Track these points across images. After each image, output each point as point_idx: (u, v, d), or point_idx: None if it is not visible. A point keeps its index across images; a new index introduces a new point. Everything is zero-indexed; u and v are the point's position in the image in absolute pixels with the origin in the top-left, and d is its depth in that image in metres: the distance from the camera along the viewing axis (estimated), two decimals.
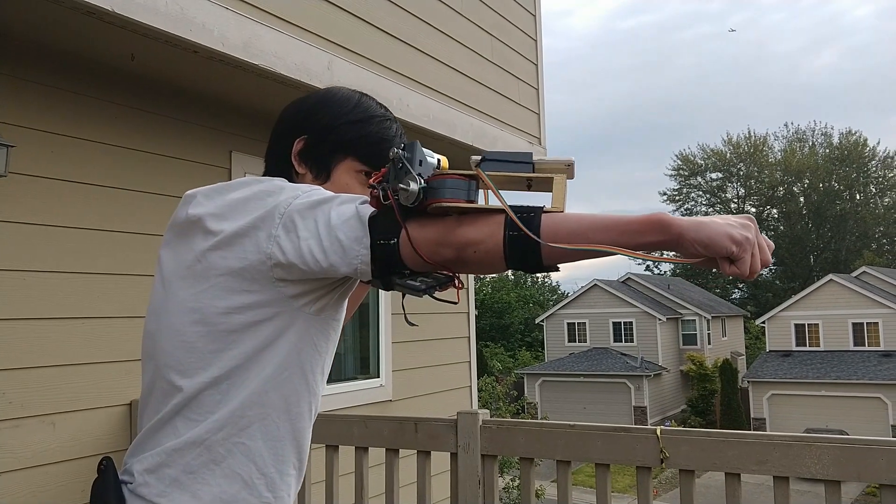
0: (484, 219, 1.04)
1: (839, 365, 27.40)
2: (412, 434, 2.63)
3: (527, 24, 5.73)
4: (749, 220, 1.01)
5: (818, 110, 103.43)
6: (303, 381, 1.20)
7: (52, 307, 2.99)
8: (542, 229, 1.00)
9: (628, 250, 1.00)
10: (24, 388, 2.87)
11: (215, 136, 3.73)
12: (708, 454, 2.13)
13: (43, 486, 2.89)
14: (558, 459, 2.36)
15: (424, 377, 5.22)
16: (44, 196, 3.00)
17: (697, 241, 0.96)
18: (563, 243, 0.99)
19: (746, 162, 57.17)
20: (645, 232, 0.97)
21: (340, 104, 1.34)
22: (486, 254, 1.03)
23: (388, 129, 1.34)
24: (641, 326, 32.58)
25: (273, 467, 1.18)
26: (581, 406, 30.08)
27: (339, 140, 1.30)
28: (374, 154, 1.31)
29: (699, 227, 0.96)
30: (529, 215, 1.01)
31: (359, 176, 1.30)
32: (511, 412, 19.30)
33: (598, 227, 0.99)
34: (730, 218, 1.00)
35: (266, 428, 1.17)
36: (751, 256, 0.98)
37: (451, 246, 1.04)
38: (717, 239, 0.96)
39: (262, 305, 1.13)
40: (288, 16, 3.44)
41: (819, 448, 1.96)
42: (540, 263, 1.02)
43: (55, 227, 3.02)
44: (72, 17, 2.68)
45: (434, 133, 4.51)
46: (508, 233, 1.01)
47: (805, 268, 53.92)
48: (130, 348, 3.18)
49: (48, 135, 3.02)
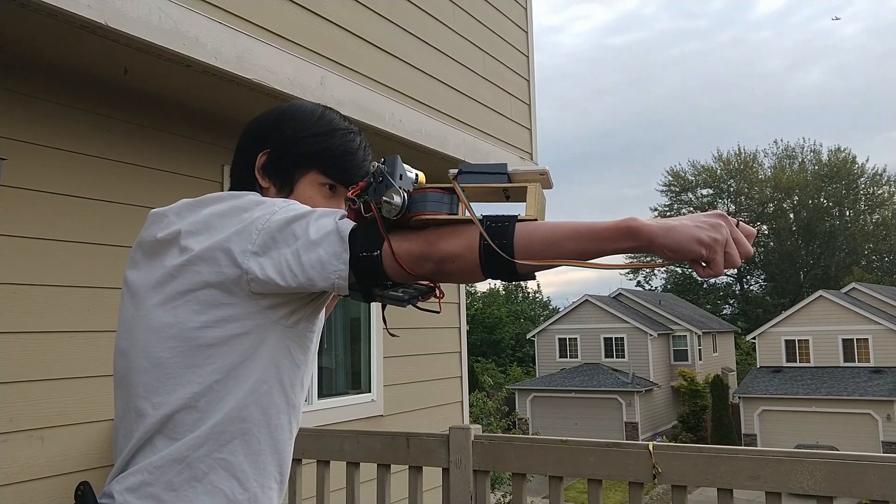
0: (462, 230, 1.06)
1: (829, 381, 27.46)
2: (404, 449, 2.61)
3: (519, 41, 5.78)
4: (720, 217, 1.00)
5: (806, 128, 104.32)
6: (282, 395, 1.20)
7: (42, 321, 2.97)
8: (515, 239, 1.02)
9: (598, 263, 1.02)
10: (12, 402, 2.84)
11: (208, 149, 3.73)
12: (700, 469, 2.13)
13: (31, 501, 2.86)
14: (550, 475, 2.35)
15: (416, 392, 5.20)
16: (36, 209, 2.98)
17: (666, 247, 0.97)
18: (536, 252, 1.01)
19: (737, 178, 57.54)
20: (617, 238, 0.99)
21: (303, 117, 1.34)
22: (464, 264, 1.06)
23: (352, 141, 1.34)
24: (633, 342, 32.58)
25: (255, 481, 1.18)
26: (573, 422, 29.99)
27: (301, 153, 1.30)
28: (336, 167, 1.31)
29: (668, 233, 0.97)
30: (503, 225, 1.03)
31: (322, 189, 1.31)
32: (502, 427, 19.21)
33: (571, 236, 1.01)
34: (700, 217, 0.99)
35: (247, 442, 1.16)
36: (724, 255, 0.98)
37: (433, 258, 1.07)
38: (684, 244, 0.97)
39: (239, 319, 1.13)
40: (281, 30, 3.46)
41: (811, 464, 1.96)
42: (515, 273, 1.04)
43: (46, 241, 3.01)
44: (65, 30, 2.68)
45: (426, 148, 4.52)
46: (483, 243, 1.03)
47: (795, 284, 54.16)
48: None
49: (41, 148, 3.02)
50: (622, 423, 29.75)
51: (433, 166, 5.05)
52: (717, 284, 58.36)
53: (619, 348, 32.97)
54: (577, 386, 30.84)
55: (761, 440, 27.53)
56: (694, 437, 29.29)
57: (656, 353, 32.64)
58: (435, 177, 1.15)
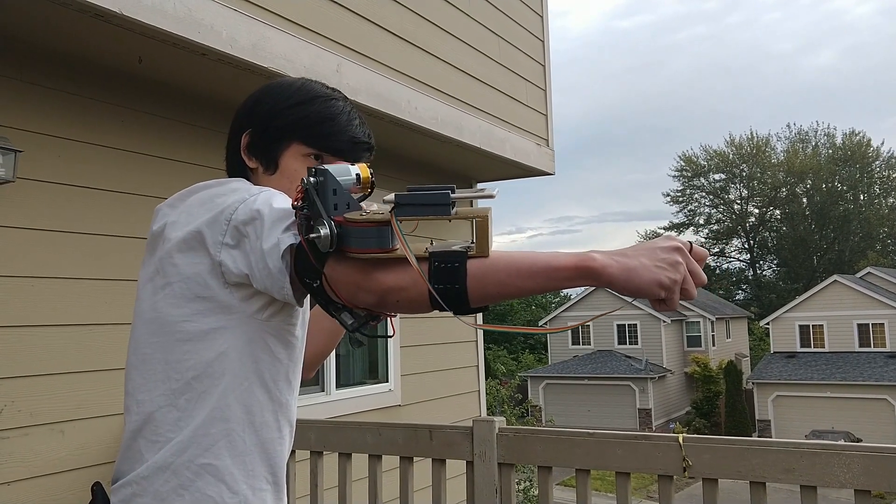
0: (403, 266, 0.96)
1: (844, 366, 27.29)
2: (427, 442, 2.58)
3: (534, 25, 5.70)
4: (678, 251, 0.97)
5: (819, 111, 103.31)
6: (263, 391, 1.16)
7: (60, 314, 2.95)
8: (469, 283, 0.95)
9: (549, 328, 1.01)
10: (33, 396, 2.83)
11: (223, 139, 3.68)
12: (731, 462, 2.09)
13: (53, 494, 2.85)
14: (577, 468, 2.31)
15: (433, 382, 5.17)
16: (52, 201, 2.96)
17: (627, 290, 0.96)
18: (491, 294, 0.96)
19: (749, 163, 57.04)
20: (574, 279, 0.96)
21: (281, 90, 1.30)
22: (410, 302, 0.98)
23: (332, 107, 1.29)
24: (646, 329, 32.49)
25: (244, 483, 1.14)
26: (586, 409, 29.99)
27: (280, 126, 1.27)
28: (317, 135, 1.26)
29: (628, 277, 0.95)
30: (453, 266, 0.95)
31: (307, 160, 1.27)
32: (516, 415, 19.22)
33: (526, 275, 0.96)
34: (658, 252, 0.96)
35: (232, 443, 1.13)
36: (680, 290, 0.97)
37: (371, 291, 0.99)
38: (646, 289, 0.95)
39: (215, 312, 1.11)
40: (297, 18, 3.41)
41: (848, 457, 1.91)
42: (469, 309, 0.98)
43: (63, 233, 2.98)
44: (79, 20, 2.64)
45: (441, 135, 4.47)
46: (434, 285, 0.95)
47: (808, 269, 53.78)
48: None
49: (56, 139, 2.99)
50: (635, 409, 29.72)
51: (449, 153, 5.00)
52: (730, 270, 58.12)
53: (632, 335, 32.88)
54: (589, 373, 30.80)
55: (775, 426, 27.43)
56: (707, 424, 29.23)
57: (669, 340, 32.55)
58: (449, 164, 1.08)
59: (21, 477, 2.76)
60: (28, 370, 2.82)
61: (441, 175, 5.35)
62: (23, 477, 2.76)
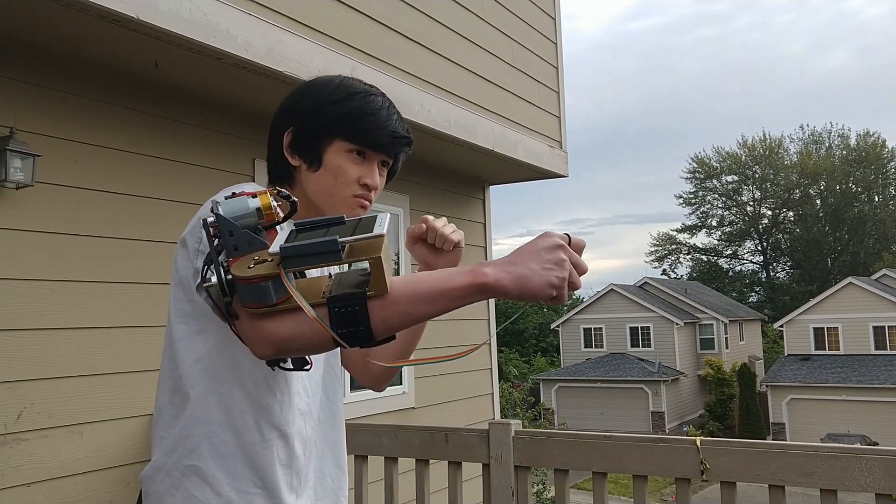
0: (300, 315, 0.95)
1: (860, 369, 27.06)
2: (443, 445, 2.58)
3: (546, 28, 5.69)
4: (560, 248, 1.02)
5: (831, 112, 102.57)
6: (243, 393, 1.16)
7: (79, 317, 2.97)
8: (372, 324, 0.95)
9: (450, 356, 1.05)
10: (51, 398, 2.86)
11: (238, 143, 3.72)
12: (750, 465, 2.07)
13: (71, 495, 2.87)
14: (595, 471, 2.30)
15: (446, 385, 5.17)
16: (69, 205, 2.98)
17: (521, 297, 1.01)
18: (395, 326, 0.98)
19: (762, 164, 56.71)
20: (470, 296, 1.00)
21: (321, 88, 1.31)
22: (313, 346, 0.99)
23: (371, 102, 1.30)
24: (659, 331, 32.33)
25: (228, 486, 1.15)
26: (598, 412, 29.88)
27: (322, 123, 1.27)
28: (358, 130, 1.27)
29: (521, 285, 0.99)
30: (353, 310, 0.94)
31: (350, 156, 1.28)
32: (528, 419, 19.16)
33: (426, 300, 0.99)
34: (542, 252, 1.01)
35: (214, 446, 1.15)
36: (567, 284, 1.02)
37: (268, 343, 0.98)
38: (539, 292, 1.00)
39: (198, 315, 1.15)
40: (311, 22, 3.42)
41: (869, 460, 1.90)
42: (376, 343, 0.98)
43: (80, 236, 3.01)
44: (97, 25, 2.66)
45: (454, 138, 4.47)
46: (337, 331, 0.95)
47: (822, 271, 53.39)
48: (155, 358, 3.15)
49: (73, 144, 3.01)
50: (648, 412, 29.58)
51: (461, 156, 5.00)
52: (743, 272, 57.78)
53: (644, 337, 32.74)
54: (602, 376, 30.69)
55: (790, 429, 27.22)
56: (721, 427, 29.05)
57: (682, 342, 32.38)
58: (462, 166, 1.08)
59: (40, 478, 2.78)
60: (46, 373, 2.84)
61: (455, 178, 5.35)
62: (41, 478, 2.78)
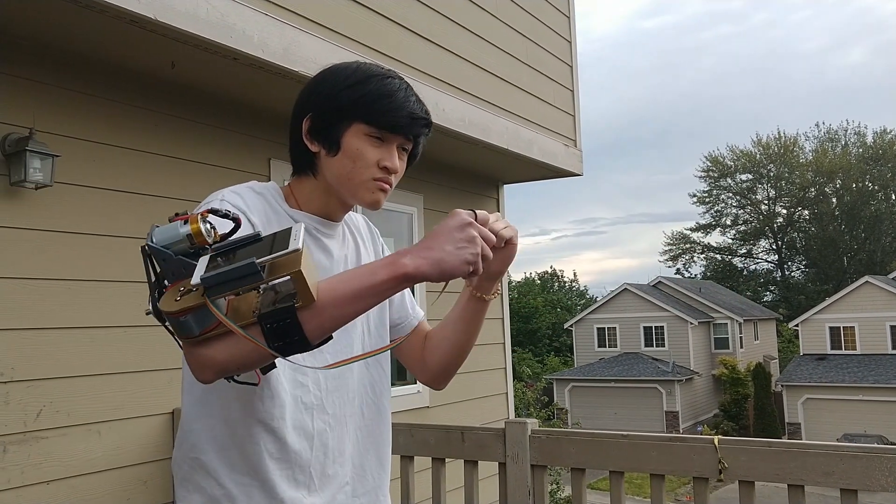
0: (234, 336, 0.97)
1: (877, 368, 26.81)
2: (459, 443, 2.59)
3: (561, 26, 5.68)
4: (468, 225, 1.07)
5: (849, 110, 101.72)
6: (231, 389, 1.16)
7: (98, 316, 2.99)
8: (306, 332, 0.99)
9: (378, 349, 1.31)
10: (71, 397, 2.88)
11: (254, 143, 3.73)
12: (769, 465, 2.06)
13: (90, 493, 2.89)
14: (612, 469, 2.30)
15: (461, 384, 5.13)
16: (87, 205, 3.01)
17: (442, 279, 1.06)
18: (328, 329, 1.02)
19: (777, 163, 56.26)
20: (394, 287, 1.05)
21: (337, 73, 1.31)
22: (254, 363, 1.03)
23: (389, 84, 1.28)
24: (673, 331, 32.17)
25: (227, 478, 1.20)
26: (612, 411, 29.77)
27: (340, 107, 1.27)
28: (376, 112, 1.26)
29: (440, 268, 1.05)
30: (284, 323, 0.97)
31: (369, 139, 1.26)
32: (542, 418, 19.14)
33: (353, 300, 1.04)
34: (454, 234, 1.06)
35: (214, 439, 1.21)
36: (480, 258, 1.08)
37: (207, 369, 1.01)
38: (457, 270, 1.06)
39: None
40: (327, 22, 3.43)
41: (889, 460, 1.88)
42: (313, 346, 1.02)
43: (99, 236, 3.03)
44: (115, 26, 2.68)
45: (469, 137, 4.47)
46: (273, 345, 0.98)
47: (838, 270, 52.94)
48: (173, 357, 3.16)
49: (90, 143, 3.04)
50: (662, 412, 29.44)
51: (476, 155, 5.00)
52: (758, 271, 57.41)
53: (658, 337, 32.58)
54: (616, 375, 30.58)
55: (805, 429, 27.02)
56: (736, 427, 28.89)
57: (697, 342, 32.20)
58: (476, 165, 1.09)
59: (58, 476, 2.80)
60: (66, 371, 2.87)
61: (468, 177, 5.35)
62: (60, 476, 2.81)
